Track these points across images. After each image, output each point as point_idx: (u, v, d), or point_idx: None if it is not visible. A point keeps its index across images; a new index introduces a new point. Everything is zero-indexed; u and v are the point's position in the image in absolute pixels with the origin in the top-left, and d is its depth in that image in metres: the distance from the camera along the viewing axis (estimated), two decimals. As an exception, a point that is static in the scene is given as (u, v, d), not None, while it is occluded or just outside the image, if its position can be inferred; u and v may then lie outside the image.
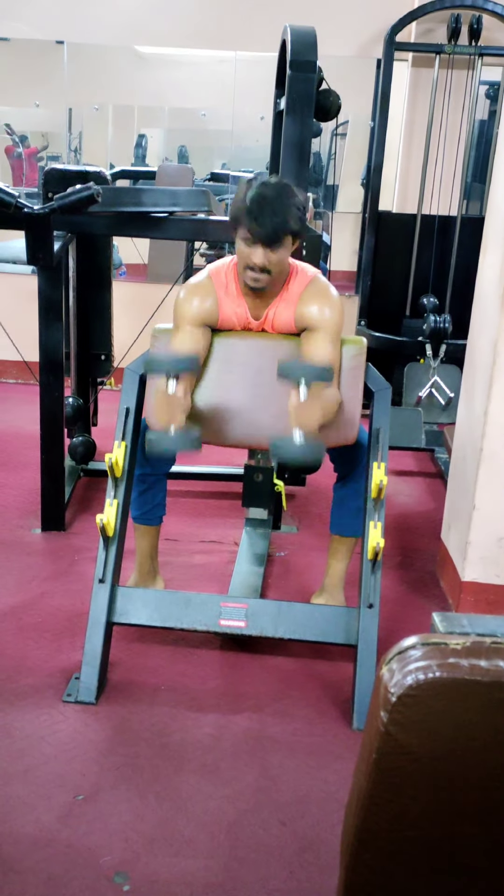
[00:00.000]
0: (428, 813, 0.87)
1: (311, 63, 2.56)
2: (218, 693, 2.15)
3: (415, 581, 2.83)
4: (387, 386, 2.34)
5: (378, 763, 0.85)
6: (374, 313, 4.53)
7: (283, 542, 3.04)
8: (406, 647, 0.83)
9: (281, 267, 2.13)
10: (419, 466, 3.96)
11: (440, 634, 0.84)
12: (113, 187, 3.22)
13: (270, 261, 2.09)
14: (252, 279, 2.11)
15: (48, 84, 5.30)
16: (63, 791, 1.79)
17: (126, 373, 2.36)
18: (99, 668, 2.09)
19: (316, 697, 2.15)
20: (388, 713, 0.82)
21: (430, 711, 0.81)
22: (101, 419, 3.74)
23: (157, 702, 2.10)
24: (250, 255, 2.09)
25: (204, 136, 6.17)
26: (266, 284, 2.12)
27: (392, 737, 0.82)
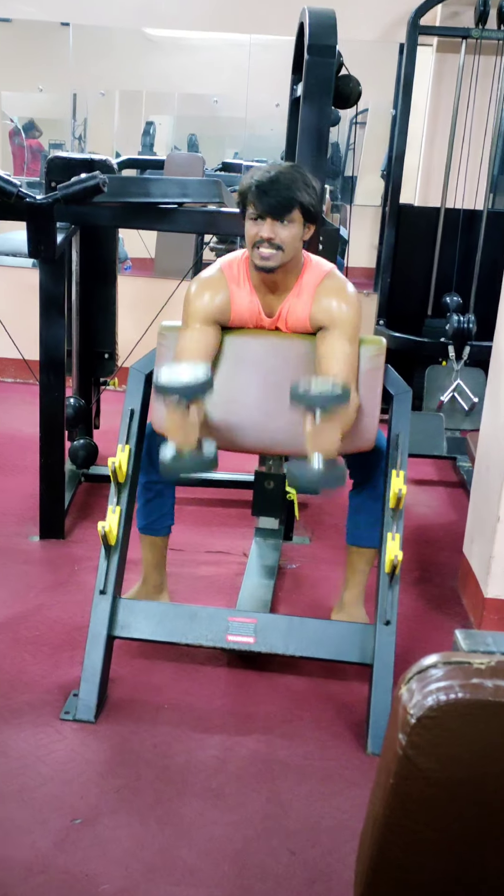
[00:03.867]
0: (448, 842, 0.87)
1: (330, 47, 2.57)
2: (224, 713, 2.15)
3: (435, 597, 2.82)
4: (407, 389, 2.34)
5: (395, 789, 0.84)
6: (394, 312, 4.53)
7: (294, 554, 3.04)
8: (426, 665, 0.83)
9: (293, 247, 2.12)
10: (440, 475, 3.95)
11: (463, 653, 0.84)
12: (119, 177, 3.23)
13: (280, 235, 2.09)
14: (261, 257, 2.11)
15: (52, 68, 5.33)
16: (60, 814, 1.79)
17: (131, 372, 2.37)
18: (99, 685, 2.10)
19: (328, 719, 2.15)
20: (406, 736, 0.82)
21: (451, 735, 0.81)
22: (104, 421, 3.75)
23: (160, 721, 2.10)
24: (258, 230, 2.09)
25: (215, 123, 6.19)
26: (277, 263, 2.12)
27: (410, 761, 0.82)
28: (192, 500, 3.40)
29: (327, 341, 2.18)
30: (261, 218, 2.09)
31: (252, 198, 2.09)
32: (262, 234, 2.09)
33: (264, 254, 2.11)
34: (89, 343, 3.49)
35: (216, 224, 3.01)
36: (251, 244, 2.13)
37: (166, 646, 2.32)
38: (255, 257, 2.13)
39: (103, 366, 3.56)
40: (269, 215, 2.08)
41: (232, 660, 2.36)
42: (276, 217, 2.08)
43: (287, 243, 2.11)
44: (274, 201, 2.07)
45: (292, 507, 2.95)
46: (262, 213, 2.09)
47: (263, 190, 2.07)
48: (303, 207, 2.10)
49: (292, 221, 2.10)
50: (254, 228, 2.11)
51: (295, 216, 2.10)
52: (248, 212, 2.12)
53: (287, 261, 2.14)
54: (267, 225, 2.09)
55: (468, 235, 4.45)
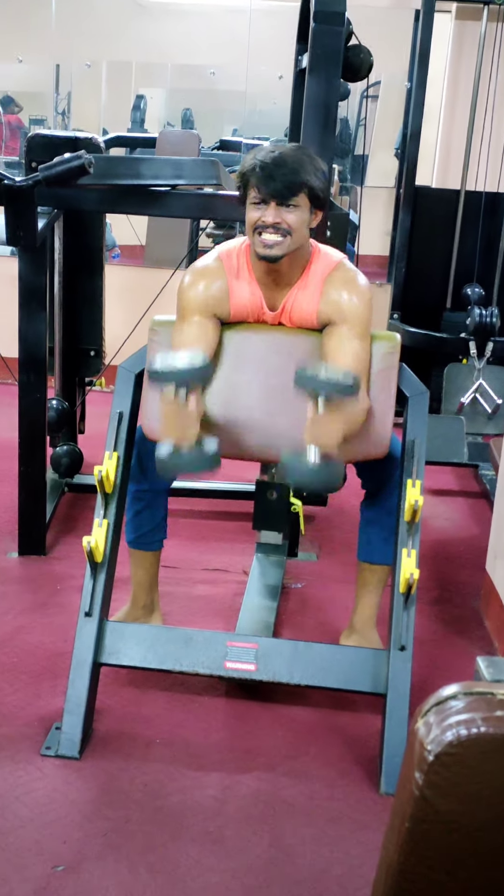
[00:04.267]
0: (469, 892, 0.87)
1: (338, 14, 2.58)
2: (223, 748, 2.15)
3: (455, 619, 2.82)
4: (423, 390, 2.34)
5: (411, 833, 0.84)
6: (410, 305, 4.54)
7: (300, 572, 3.04)
8: (446, 696, 0.83)
9: (299, 235, 2.13)
10: (461, 485, 3.95)
11: (486, 683, 0.84)
12: (106, 157, 3.24)
13: (285, 220, 2.10)
14: (264, 244, 2.12)
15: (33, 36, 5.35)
16: (40, 860, 1.79)
17: (119, 372, 2.37)
18: (83, 717, 2.09)
19: (337, 755, 2.15)
20: (423, 774, 0.81)
21: (473, 773, 0.81)
22: (90, 425, 3.75)
23: (152, 757, 2.10)
24: (261, 215, 2.10)
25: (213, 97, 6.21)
26: (283, 251, 2.12)
27: (428, 802, 0.82)
28: (187, 512, 3.40)
29: (335, 337, 2.18)
30: (264, 202, 2.10)
31: (255, 180, 2.10)
32: (265, 219, 2.10)
33: (268, 241, 2.11)
34: (73, 339, 3.50)
35: (213, 208, 3.01)
36: (252, 230, 2.13)
37: (158, 674, 2.31)
38: (257, 245, 2.13)
39: (89, 364, 3.56)
40: (274, 199, 2.08)
41: (231, 689, 2.36)
42: (281, 200, 2.08)
43: (294, 229, 2.11)
44: (280, 184, 2.07)
45: (297, 520, 2.94)
46: (265, 197, 2.09)
47: (268, 171, 2.08)
48: (311, 191, 2.11)
49: (298, 206, 2.10)
50: (256, 213, 2.12)
51: (301, 200, 2.11)
52: (250, 196, 2.12)
53: (294, 249, 2.14)
54: (271, 209, 2.09)
55: (491, 220, 4.46)
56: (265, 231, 2.11)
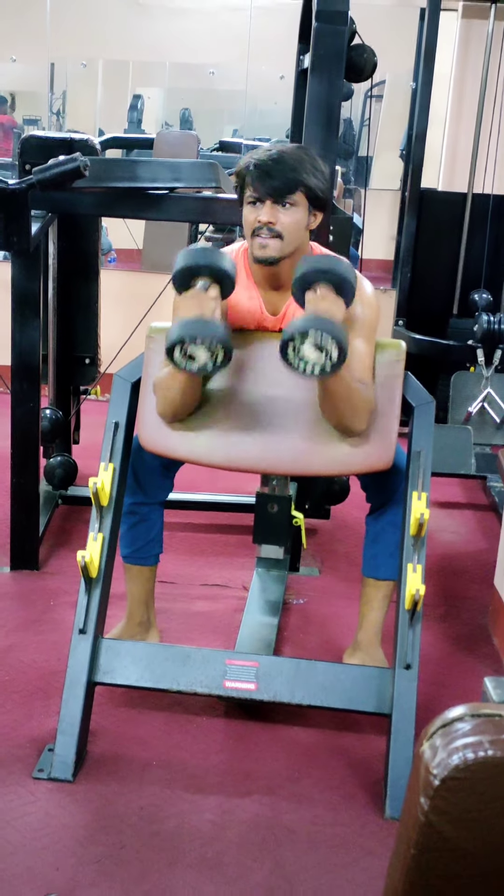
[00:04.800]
0: (477, 923, 0.86)
1: (341, 13, 2.59)
2: (222, 771, 2.14)
3: (462, 637, 2.81)
4: (430, 400, 2.35)
5: (417, 860, 0.84)
6: (415, 312, 4.54)
7: (302, 587, 3.04)
8: (452, 718, 0.83)
9: (296, 236, 2.14)
10: (468, 497, 3.95)
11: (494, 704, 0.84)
12: (102, 158, 3.26)
13: (281, 221, 2.10)
14: (259, 245, 2.13)
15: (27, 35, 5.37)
16: (32, 888, 1.78)
17: (115, 380, 2.37)
18: (77, 738, 2.09)
19: (341, 778, 2.14)
20: (429, 799, 0.81)
21: (480, 798, 0.81)
22: (85, 436, 3.75)
23: (148, 780, 2.09)
24: (257, 215, 2.11)
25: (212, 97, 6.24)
26: (277, 253, 2.13)
27: (434, 828, 0.82)
28: (184, 525, 3.40)
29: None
30: (259, 201, 2.11)
31: (250, 179, 2.11)
32: (260, 219, 2.10)
33: (263, 242, 2.13)
34: (68, 347, 3.50)
35: (212, 212, 3.02)
36: (250, 232, 2.14)
37: (155, 693, 2.31)
38: (254, 247, 2.14)
39: (83, 372, 3.57)
40: (269, 197, 2.09)
41: (230, 709, 2.35)
42: (276, 199, 2.09)
43: (289, 230, 2.11)
44: (275, 181, 2.08)
45: (299, 533, 2.94)
46: (261, 195, 2.10)
47: (264, 169, 2.09)
48: (308, 190, 2.11)
49: (295, 205, 2.11)
50: (252, 213, 2.13)
51: (298, 199, 2.11)
52: (246, 195, 2.13)
53: (289, 251, 2.15)
54: (266, 208, 2.10)
55: (499, 224, 4.47)
56: (261, 232, 2.12)
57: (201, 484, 3.55)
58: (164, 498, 2.46)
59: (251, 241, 2.15)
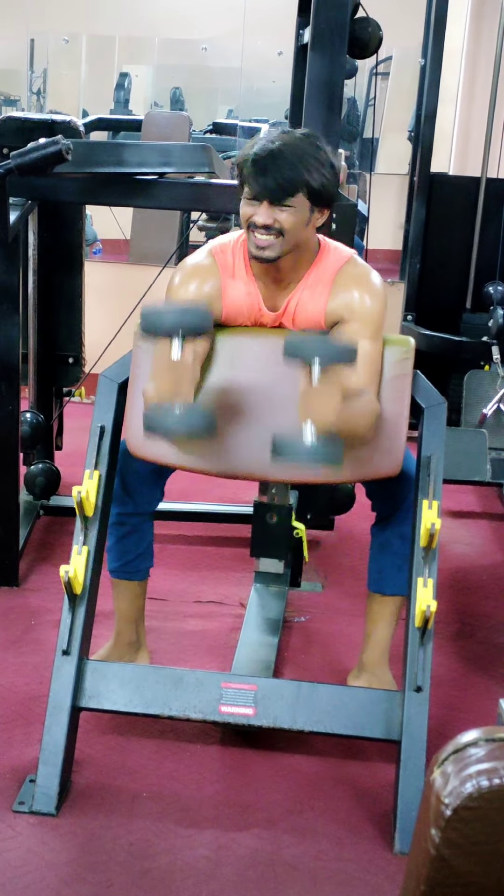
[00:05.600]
0: None
1: (343, -17, 2.60)
2: (217, 803, 2.14)
3: (477, 657, 2.82)
4: (441, 401, 2.35)
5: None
6: (425, 306, 4.55)
7: (303, 604, 3.04)
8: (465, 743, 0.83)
9: (294, 236, 2.14)
10: (483, 505, 3.95)
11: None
12: (87, 142, 3.26)
13: (278, 220, 2.10)
14: (256, 245, 2.13)
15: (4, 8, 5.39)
16: (12, 931, 1.78)
17: (101, 381, 2.38)
18: (61, 769, 2.09)
19: (346, 810, 2.14)
20: (440, 831, 0.81)
21: (495, 829, 0.81)
22: (68, 441, 3.75)
23: (138, 813, 2.09)
24: (253, 213, 2.12)
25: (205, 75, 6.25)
26: (276, 253, 2.13)
27: (446, 862, 0.82)
28: (177, 537, 3.40)
29: (344, 336, 2.19)
30: (256, 199, 2.11)
31: (247, 175, 2.10)
32: (256, 219, 2.11)
33: (260, 241, 2.13)
34: (50, 345, 3.51)
35: (205, 199, 3.03)
36: (246, 226, 2.15)
37: (145, 719, 2.31)
38: (252, 244, 2.15)
39: (67, 373, 3.57)
40: (266, 198, 2.09)
41: (227, 736, 2.35)
42: (273, 200, 2.09)
43: (289, 230, 2.12)
44: (272, 183, 2.07)
45: (300, 545, 2.95)
46: (257, 195, 2.10)
47: (261, 167, 2.08)
48: (310, 190, 2.11)
49: (294, 207, 2.11)
50: (249, 210, 2.13)
51: (298, 200, 2.10)
52: (244, 190, 2.13)
53: (289, 249, 2.15)
54: (263, 208, 2.10)
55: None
56: (257, 231, 2.12)
57: (194, 493, 3.55)
58: (154, 508, 2.46)
59: (249, 236, 2.16)
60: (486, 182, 4.47)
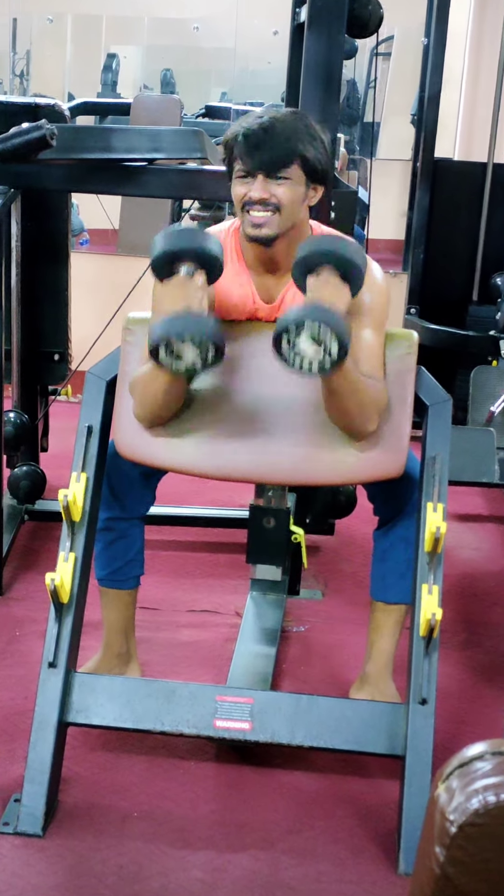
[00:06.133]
0: None
1: (342, -41, 2.60)
2: (212, 822, 2.14)
3: (485, 667, 2.82)
4: (446, 398, 2.35)
5: (432, 918, 0.85)
6: (429, 298, 4.55)
7: (303, 613, 3.04)
8: (470, 757, 0.84)
9: (292, 211, 2.14)
10: (490, 508, 3.96)
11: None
12: (72, 126, 3.27)
13: (275, 194, 2.11)
14: (252, 223, 2.14)
15: (-15, -14, 5.38)
16: None
17: (88, 378, 2.38)
18: (47, 787, 2.09)
19: (348, 829, 2.14)
20: (445, 849, 0.82)
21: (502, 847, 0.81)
22: (54, 442, 3.75)
23: (128, 834, 2.09)
24: (247, 190, 2.12)
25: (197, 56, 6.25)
26: (274, 230, 2.13)
27: (451, 882, 0.83)
28: (168, 543, 3.40)
29: (347, 328, 2.20)
30: (250, 175, 2.12)
31: (239, 150, 2.12)
32: (251, 194, 2.11)
33: (257, 218, 2.13)
34: (34, 341, 3.51)
35: (198, 186, 3.03)
36: (240, 207, 2.15)
37: (136, 735, 2.31)
38: (247, 225, 2.15)
39: (52, 370, 3.57)
40: (261, 171, 2.10)
41: (222, 752, 2.35)
42: (269, 173, 2.10)
43: (286, 204, 2.12)
44: (267, 154, 2.09)
45: (299, 551, 2.94)
46: (251, 169, 2.11)
47: (254, 140, 2.10)
48: (305, 162, 2.12)
49: (290, 178, 2.12)
50: (242, 188, 2.13)
51: (294, 172, 2.12)
52: (236, 168, 2.14)
53: (287, 227, 2.15)
54: (258, 182, 2.11)
55: (523, 198, 4.48)
56: (253, 208, 2.13)
57: (187, 496, 3.55)
58: (144, 512, 2.46)
59: (243, 217, 2.16)
60: (492, 167, 4.47)
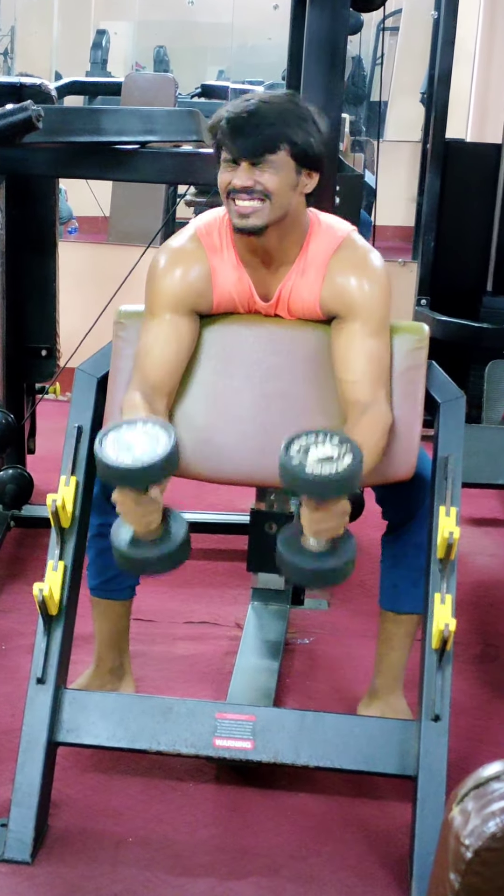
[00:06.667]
0: None
1: None
2: (212, 848, 2.14)
3: (501, 681, 2.82)
4: (459, 395, 2.35)
5: None
6: (441, 288, 4.55)
7: (307, 624, 3.04)
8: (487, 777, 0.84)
9: (281, 199, 2.12)
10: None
11: (537, 759, 0.84)
12: (60, 107, 3.27)
13: (260, 181, 2.10)
14: (238, 213, 2.12)
15: (-34, -41, 5.38)
16: None
17: (78, 375, 2.38)
18: (36, 811, 2.09)
19: (357, 854, 2.14)
20: (460, 875, 0.82)
21: (522, 873, 0.81)
22: (41, 443, 3.75)
23: (123, 860, 2.09)
24: (231, 178, 2.12)
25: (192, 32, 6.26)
26: (262, 220, 2.11)
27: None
28: (165, 550, 3.40)
29: (344, 335, 2.19)
30: (234, 162, 2.11)
31: (223, 136, 2.11)
32: (235, 182, 2.10)
33: (243, 208, 2.11)
34: (20, 336, 3.51)
35: (193, 170, 3.03)
36: (225, 196, 2.14)
37: (130, 755, 2.31)
38: (233, 215, 2.13)
39: (39, 367, 3.57)
40: (245, 157, 2.09)
41: (222, 773, 2.35)
42: (254, 160, 2.09)
43: (273, 191, 2.11)
44: (250, 139, 2.08)
45: (303, 558, 2.95)
46: (235, 156, 2.10)
47: (236, 124, 2.09)
48: (294, 146, 2.10)
49: (276, 164, 2.10)
50: (227, 175, 2.13)
51: (281, 158, 2.10)
52: (222, 156, 2.13)
53: (278, 217, 2.13)
54: (242, 170, 2.10)
55: (541, 181, 4.48)
56: (238, 196, 2.12)
57: (184, 500, 3.54)
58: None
59: (229, 207, 2.14)
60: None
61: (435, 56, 4.53)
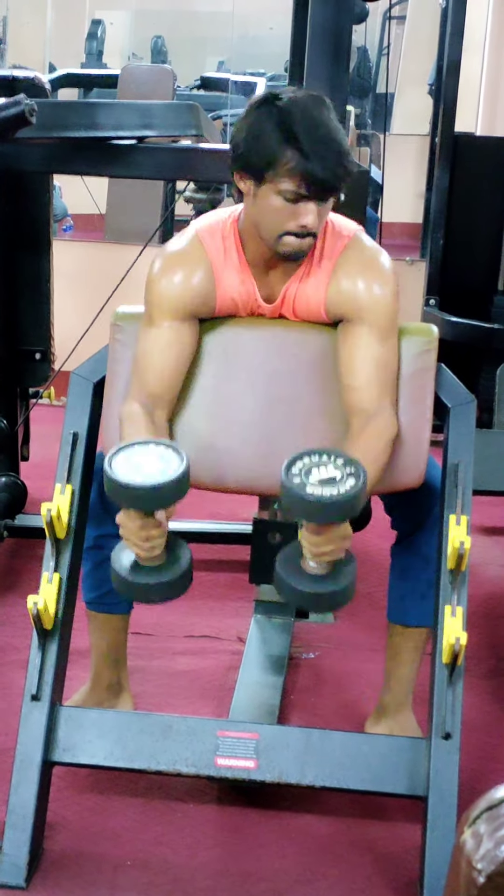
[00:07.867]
0: None
1: None
2: (214, 871, 2.14)
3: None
4: (470, 398, 2.36)
5: None
6: (450, 288, 4.56)
7: (312, 637, 3.04)
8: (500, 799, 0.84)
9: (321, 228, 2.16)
10: (521, 520, 3.96)
11: (552, 780, 0.84)
12: (54, 101, 3.28)
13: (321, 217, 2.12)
14: (293, 249, 2.13)
15: None
16: None
17: (73, 380, 2.38)
18: (31, 833, 2.09)
19: (364, 878, 2.14)
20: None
21: (537, 898, 0.81)
22: (35, 450, 3.76)
23: (121, 885, 2.09)
24: (298, 215, 2.08)
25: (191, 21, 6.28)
26: (307, 250, 2.15)
27: (480, 938, 0.83)
28: (164, 561, 3.40)
29: (350, 339, 2.20)
30: (306, 199, 2.08)
31: (295, 165, 2.04)
32: (305, 223, 2.08)
33: (299, 246, 2.12)
34: (13, 338, 3.51)
35: (192, 166, 3.03)
36: (278, 229, 2.11)
37: (128, 774, 2.31)
38: (280, 246, 2.13)
39: (33, 371, 3.57)
40: (323, 196, 2.08)
41: (224, 794, 2.35)
42: (324, 196, 2.09)
43: (320, 226, 2.14)
44: (332, 181, 2.05)
45: (308, 569, 2.95)
46: (310, 195, 2.07)
47: (317, 156, 2.03)
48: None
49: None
50: (288, 208, 2.08)
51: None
52: (281, 184, 2.07)
53: None
54: (312, 211, 2.08)
55: (554, 176, 4.49)
56: (297, 237, 2.11)
57: (184, 509, 3.53)
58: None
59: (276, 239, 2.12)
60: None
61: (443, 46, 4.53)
